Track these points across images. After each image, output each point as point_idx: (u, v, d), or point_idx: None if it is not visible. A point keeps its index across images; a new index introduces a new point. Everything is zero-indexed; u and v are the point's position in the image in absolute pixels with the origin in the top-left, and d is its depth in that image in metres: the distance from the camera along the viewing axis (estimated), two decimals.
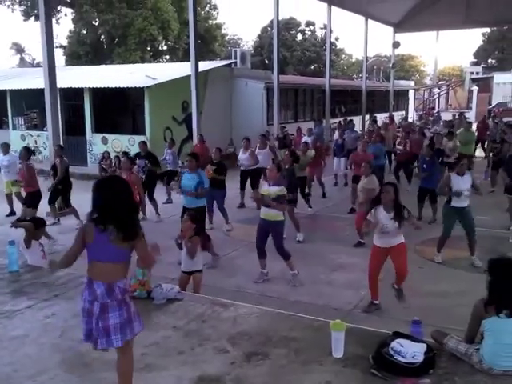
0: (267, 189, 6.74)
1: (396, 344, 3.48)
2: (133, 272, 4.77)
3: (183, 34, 33.83)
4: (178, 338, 3.98)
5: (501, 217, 9.36)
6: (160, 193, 11.36)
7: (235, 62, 20.58)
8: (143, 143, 11.01)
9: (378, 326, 4.35)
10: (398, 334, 3.68)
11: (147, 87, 14.99)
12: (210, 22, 39.46)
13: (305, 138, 13.64)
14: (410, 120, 26.65)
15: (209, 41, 38.51)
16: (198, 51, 14.43)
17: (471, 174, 7.51)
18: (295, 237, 8.63)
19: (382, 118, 24.79)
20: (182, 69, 16.41)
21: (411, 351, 3.42)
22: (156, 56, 37.95)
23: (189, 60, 14.57)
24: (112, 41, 34.99)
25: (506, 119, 23.54)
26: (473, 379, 3.37)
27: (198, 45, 14.26)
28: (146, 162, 10.52)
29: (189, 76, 14.12)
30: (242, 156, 11.29)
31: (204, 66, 17.42)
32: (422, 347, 3.51)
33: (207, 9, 39.38)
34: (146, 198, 10.03)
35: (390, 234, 5.56)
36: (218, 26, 41.22)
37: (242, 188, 11.31)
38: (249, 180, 11.32)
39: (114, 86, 15.12)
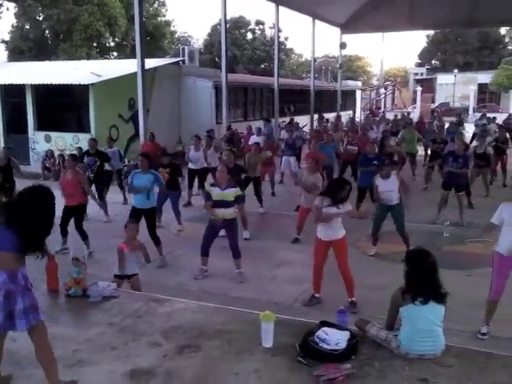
0: (222, 193, 6.77)
1: (321, 332, 3.66)
2: (68, 270, 4.77)
3: (131, 30, 33.31)
4: (112, 334, 4.03)
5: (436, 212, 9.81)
6: (113, 192, 11.31)
7: (183, 60, 20.52)
8: (93, 140, 10.76)
9: (316, 318, 4.52)
10: (324, 323, 3.87)
11: (92, 84, 14.75)
12: (159, 18, 39.05)
13: (254, 138, 13.78)
14: (357, 120, 27.30)
15: (158, 38, 38.10)
16: (147, 48, 14.34)
17: (396, 175, 7.77)
18: (242, 234, 8.78)
19: (330, 117, 25.29)
20: (129, 66, 16.22)
21: (335, 339, 3.61)
22: (103, 52, 37.24)
23: (136, 57, 14.45)
24: (57, 36, 34.09)
25: (446, 119, 24.56)
26: (391, 363, 3.59)
27: (147, 42, 14.19)
28: (96, 160, 10.32)
29: (136, 73, 13.99)
30: (194, 154, 11.31)
31: (151, 63, 17.27)
32: (346, 335, 3.71)
33: (156, 5, 38.96)
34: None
35: (330, 225, 5.76)
36: (167, 23, 40.84)
37: (190, 186, 11.35)
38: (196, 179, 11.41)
39: (57, 83, 14.79)
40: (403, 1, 24.15)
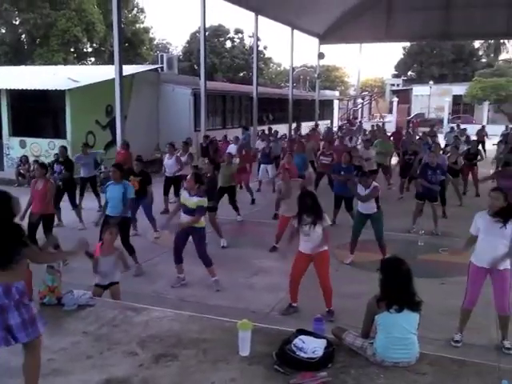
0: (188, 198, 6.78)
1: (298, 341, 3.68)
2: (42, 278, 4.70)
3: (109, 36, 33.13)
4: (87, 342, 3.98)
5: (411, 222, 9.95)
6: (90, 199, 11.23)
7: (162, 67, 20.49)
8: (63, 148, 10.72)
9: (293, 327, 4.52)
10: (301, 331, 3.89)
11: (69, 90, 14.62)
12: (138, 25, 38.93)
13: (232, 147, 13.81)
14: (334, 129, 27.56)
15: (136, 44, 37.95)
16: (125, 55, 14.29)
17: (375, 186, 7.83)
18: (219, 243, 8.77)
19: (308, 126, 25.49)
20: (107, 72, 16.13)
21: (312, 347, 3.63)
22: (80, 58, 36.92)
23: (111, 63, 14.42)
24: (33, 41, 33.70)
25: (421, 129, 24.98)
26: (367, 371, 3.62)
27: (125, 48, 14.15)
28: (62, 168, 10.23)
29: (113, 79, 13.92)
30: (167, 162, 11.33)
31: (130, 69, 17.23)
32: (323, 343, 3.73)
33: (134, 12, 38.82)
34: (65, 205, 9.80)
35: (311, 239, 5.78)
36: (146, 30, 40.73)
37: (166, 193, 11.34)
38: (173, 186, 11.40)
39: (33, 88, 14.62)
40: (380, 13, 24.68)
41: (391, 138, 17.21)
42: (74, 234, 9.08)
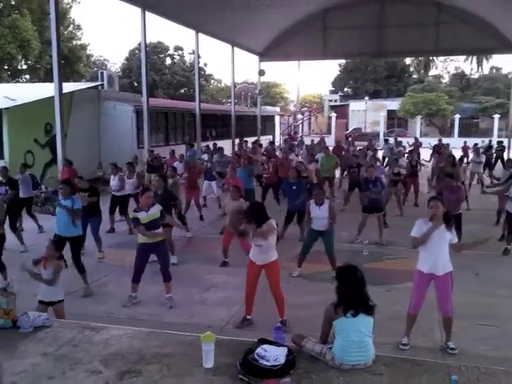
0: (148, 215, 6.76)
1: (261, 350, 3.80)
2: None
3: (45, 53, 32.35)
4: (48, 363, 3.91)
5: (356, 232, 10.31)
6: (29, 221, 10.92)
7: (102, 84, 20.23)
8: (4, 169, 10.38)
9: (249, 339, 4.62)
10: (262, 341, 4.01)
11: (6, 109, 14.18)
12: (74, 42, 38.19)
13: (177, 164, 13.79)
14: (276, 144, 28.06)
15: (73, 61, 37.15)
16: (62, 72, 13.99)
17: (329, 203, 8.08)
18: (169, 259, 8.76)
19: (251, 141, 25.81)
20: (45, 89, 15.77)
21: (274, 355, 3.75)
22: (15, 75, 35.77)
23: (51, 80, 14.10)
24: None
25: (359, 143, 25.90)
26: (327, 375, 3.78)
27: (62, 65, 13.84)
28: (7, 188, 9.91)
29: (52, 97, 13.63)
30: (113, 182, 11.21)
31: (69, 87, 16.91)
32: (284, 350, 3.86)
33: (70, 29, 38.08)
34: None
35: (263, 248, 5.91)
36: (83, 47, 39.99)
37: (111, 212, 11.19)
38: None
39: None
40: (317, 32, 25.54)
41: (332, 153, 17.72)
42: (15, 256, 8.77)
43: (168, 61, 54.55)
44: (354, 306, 3.92)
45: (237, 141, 24.73)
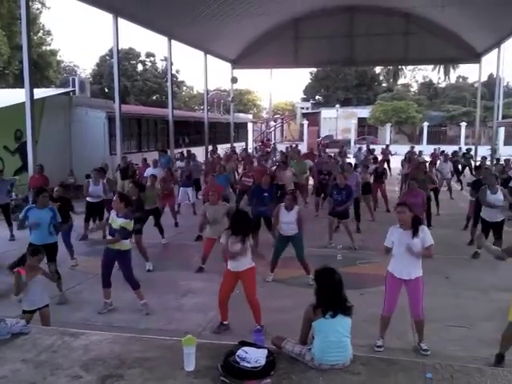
0: (115, 219, 6.79)
1: (241, 352, 3.86)
2: None
3: (14, 58, 31.85)
4: (28, 369, 3.88)
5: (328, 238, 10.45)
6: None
7: (74, 91, 20.04)
8: None
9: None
10: (243, 343, 4.08)
11: None
12: (44, 47, 37.71)
13: (150, 170, 13.71)
14: (249, 151, 28.19)
15: (43, 67, 36.69)
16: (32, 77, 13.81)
17: (298, 209, 8.17)
18: (144, 266, 8.73)
19: (224, 148, 25.91)
20: (15, 95, 15.54)
21: (255, 357, 3.82)
22: None
23: (21, 86, 13.92)
24: None
25: (330, 150, 26.21)
26: (306, 375, 3.86)
27: (32, 71, 13.64)
28: None
29: (22, 103, 13.44)
30: (92, 188, 11.04)
31: (40, 93, 16.70)
32: (264, 352, 3.93)
33: (40, 34, 37.59)
34: None
35: (238, 256, 5.96)
36: (53, 53, 39.53)
37: (87, 220, 11.08)
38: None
39: None
40: (288, 40, 25.86)
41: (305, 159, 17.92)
42: None
43: (140, 67, 54.31)
44: (333, 308, 4.02)
45: (210, 148, 24.77)
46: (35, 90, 14.13)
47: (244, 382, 3.66)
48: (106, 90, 45.84)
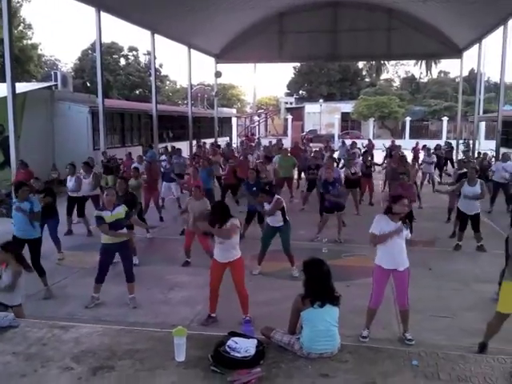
0: (113, 214, 6.78)
1: (231, 342, 3.92)
2: None
3: None
4: (18, 362, 3.90)
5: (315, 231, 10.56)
6: None
7: (56, 85, 19.82)
8: None
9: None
10: (233, 334, 4.14)
11: None
12: (25, 41, 37.16)
13: (136, 165, 13.66)
14: (233, 146, 28.21)
15: (24, 61, 36.15)
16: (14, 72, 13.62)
17: (276, 199, 8.17)
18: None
19: (208, 143, 25.84)
20: None
21: (244, 346, 3.89)
22: None
23: (2, 80, 13.73)
24: None
25: (315, 145, 26.36)
26: (295, 364, 3.94)
27: (13, 65, 13.45)
28: None
29: (4, 98, 13.26)
30: (69, 183, 11.04)
31: (22, 87, 16.49)
32: (254, 342, 4.00)
33: (21, 28, 37.03)
34: None
35: (226, 246, 6.02)
36: (34, 47, 38.96)
37: (69, 214, 11.04)
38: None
39: None
40: (272, 35, 25.84)
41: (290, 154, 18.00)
42: None
43: (122, 61, 53.83)
44: (321, 298, 4.10)
45: (194, 142, 24.71)
46: (17, 85, 13.93)
47: (234, 371, 3.73)
48: (88, 85, 45.33)
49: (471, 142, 26.55)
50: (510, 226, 7.62)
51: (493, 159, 18.77)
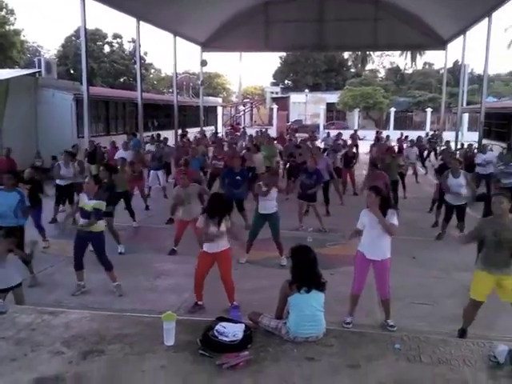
0: (86, 202, 6.81)
1: (219, 327, 4.01)
2: None
3: None
4: (8, 346, 3.94)
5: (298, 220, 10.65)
6: None
7: (40, 72, 19.57)
8: None
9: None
10: (221, 319, 4.23)
11: None
12: (7, 27, 36.55)
13: (120, 152, 13.60)
14: (219, 135, 28.15)
15: (6, 47, 35.61)
16: None
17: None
18: (116, 249, 8.74)
19: (194, 132, 25.77)
20: None
21: (232, 331, 3.98)
22: None
23: None
24: None
25: (300, 134, 26.44)
26: (282, 348, 4.05)
27: None
28: None
29: None
30: (63, 170, 10.90)
31: (5, 74, 16.30)
32: (241, 327, 4.09)
33: (3, 13, 36.39)
34: None
35: (216, 239, 6.03)
36: (17, 32, 38.34)
37: (57, 203, 10.98)
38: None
39: None
40: (258, 24, 25.76)
41: (275, 143, 18.07)
42: None
43: (107, 49, 53.21)
44: (308, 283, 4.20)
45: (179, 131, 24.61)
46: None
47: (223, 354, 3.81)
48: (72, 72, 44.81)
49: (442, 134, 26.63)
50: (482, 215, 7.77)
51: (475, 150, 19.05)
